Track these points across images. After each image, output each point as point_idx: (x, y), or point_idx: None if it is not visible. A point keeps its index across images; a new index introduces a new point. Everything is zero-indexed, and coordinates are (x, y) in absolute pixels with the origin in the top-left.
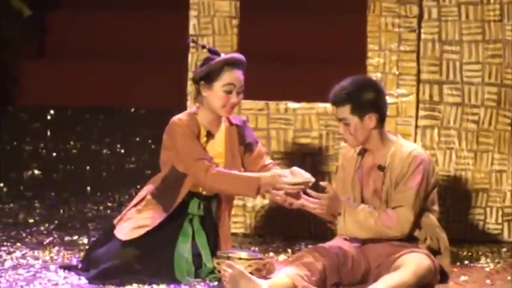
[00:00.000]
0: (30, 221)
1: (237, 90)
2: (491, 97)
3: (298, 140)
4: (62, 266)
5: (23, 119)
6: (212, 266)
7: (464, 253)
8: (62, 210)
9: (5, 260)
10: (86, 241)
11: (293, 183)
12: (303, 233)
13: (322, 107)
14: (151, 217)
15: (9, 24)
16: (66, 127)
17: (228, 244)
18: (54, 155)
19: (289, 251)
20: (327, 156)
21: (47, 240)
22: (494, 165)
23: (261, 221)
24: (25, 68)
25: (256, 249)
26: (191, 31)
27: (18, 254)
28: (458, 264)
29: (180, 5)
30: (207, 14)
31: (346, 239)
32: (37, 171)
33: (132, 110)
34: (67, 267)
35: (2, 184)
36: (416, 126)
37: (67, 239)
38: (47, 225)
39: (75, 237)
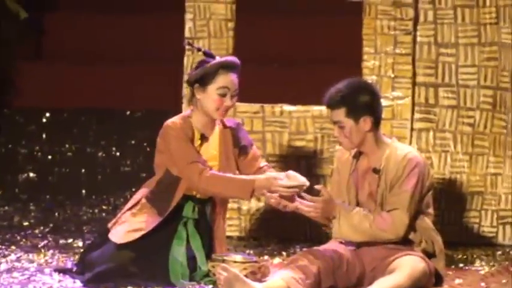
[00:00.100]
0: (25, 224)
1: (231, 93)
2: (486, 100)
3: (293, 143)
4: (56, 269)
5: (18, 121)
6: (207, 269)
7: (459, 256)
8: (57, 213)
9: None
10: (80, 244)
11: (288, 186)
12: (298, 236)
13: (317, 109)
14: (146, 221)
15: (5, 25)
16: (62, 130)
17: (222, 247)
18: (50, 157)
19: (284, 254)
20: (322, 159)
21: (41, 243)
22: (490, 168)
23: (256, 224)
24: (21, 70)
25: (251, 252)
26: (187, 34)
27: (13, 257)
28: (453, 267)
29: (175, 7)
30: (203, 16)
31: (341, 242)
32: (32, 174)
33: (127, 112)
34: (62, 271)
35: None
36: (411, 129)
37: (62, 242)
38: (42, 228)
39: (70, 241)
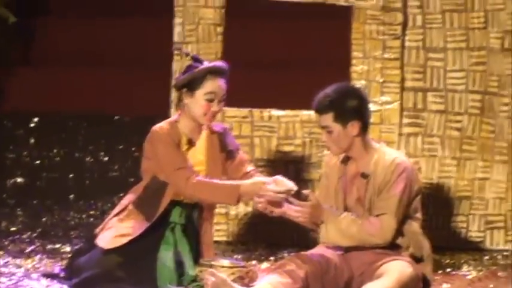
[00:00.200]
0: (13, 229)
1: (219, 98)
2: (475, 105)
3: (281, 148)
4: (44, 274)
5: (6, 126)
6: (195, 273)
7: (447, 261)
8: (44, 218)
9: None
10: (68, 249)
11: (275, 191)
12: (285, 241)
13: (306, 114)
14: (133, 226)
15: None
16: (50, 135)
17: (210, 252)
18: (38, 162)
19: (271, 258)
20: (310, 163)
21: (29, 248)
22: (478, 172)
23: (243, 228)
24: (9, 75)
25: (238, 257)
26: (176, 38)
27: (0, 262)
28: (441, 271)
29: (164, 12)
30: (192, 21)
31: (329, 246)
32: (20, 179)
33: (115, 117)
34: (49, 276)
35: None
36: (399, 134)
37: (49, 247)
38: (30, 233)
39: (58, 246)
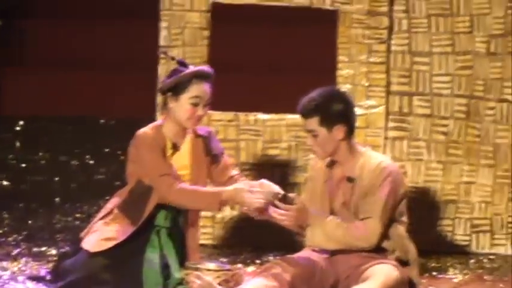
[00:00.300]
0: None
1: (204, 102)
2: (460, 109)
3: (267, 151)
4: (30, 277)
5: None
6: (180, 277)
7: (433, 264)
8: (30, 221)
9: None
10: (54, 252)
11: (254, 199)
12: (271, 244)
13: (291, 118)
14: (118, 230)
15: None
16: (35, 138)
17: (196, 255)
18: (23, 165)
19: (257, 262)
20: (296, 167)
21: (15, 251)
22: (463, 176)
23: (229, 232)
24: None
25: (224, 260)
26: (162, 42)
27: None
28: (427, 275)
29: (150, 15)
30: (178, 25)
31: (315, 250)
32: (6, 182)
33: (101, 121)
34: (35, 278)
35: None
36: (385, 138)
37: (35, 250)
38: (15, 236)
39: (44, 249)
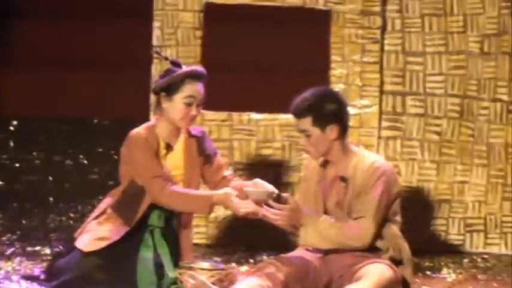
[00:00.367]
0: None
1: (198, 102)
2: (454, 108)
3: (260, 151)
4: (24, 277)
5: None
6: (174, 276)
7: (427, 263)
8: (24, 221)
9: None
10: (48, 252)
11: (240, 205)
12: (265, 243)
13: (284, 118)
14: (112, 230)
15: None
16: (29, 138)
17: (190, 255)
18: (17, 165)
19: (251, 261)
20: (289, 167)
21: (9, 250)
22: (457, 176)
23: (223, 231)
24: None
25: (218, 259)
26: (155, 42)
27: None
28: (421, 274)
29: (143, 15)
30: (171, 25)
31: (309, 249)
32: (0, 182)
33: (95, 120)
34: (29, 278)
35: None
36: (379, 137)
37: (29, 249)
38: (10, 235)
39: (38, 248)
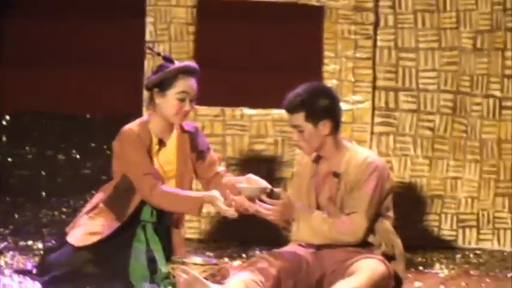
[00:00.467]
0: None
1: (191, 98)
2: (446, 104)
3: (253, 146)
4: (16, 271)
5: None
6: (167, 271)
7: (419, 259)
8: (16, 216)
9: None
10: (40, 246)
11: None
12: (257, 238)
13: (277, 113)
14: (104, 225)
15: None
16: (22, 133)
17: (182, 250)
18: (10, 160)
19: (243, 256)
20: (282, 162)
21: (1, 245)
22: (450, 172)
23: (215, 226)
24: None
25: (211, 254)
26: (148, 37)
27: None
28: (413, 270)
29: (136, 11)
30: (164, 20)
31: (301, 244)
32: None
33: (87, 116)
34: (22, 272)
35: None
36: (371, 133)
37: (22, 244)
38: (2, 230)
39: (30, 242)
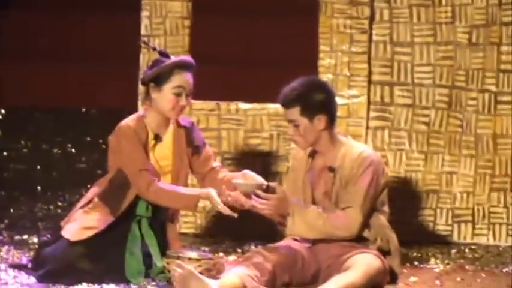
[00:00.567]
0: None
1: (187, 92)
2: (442, 99)
3: (249, 141)
4: (11, 265)
5: None
6: (162, 265)
7: (414, 254)
8: (12, 210)
9: None
10: (35, 240)
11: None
12: (253, 233)
13: (273, 107)
14: (98, 219)
15: None
16: (17, 127)
17: (177, 244)
18: (5, 154)
19: (239, 251)
20: (277, 156)
21: None
22: (445, 166)
23: (211, 221)
24: None
25: (206, 249)
26: (143, 31)
27: None
28: (408, 265)
29: (131, 5)
30: (159, 14)
31: (297, 239)
32: None
33: (83, 110)
34: (17, 266)
35: None
36: (367, 128)
37: (17, 238)
38: None
39: (25, 237)
